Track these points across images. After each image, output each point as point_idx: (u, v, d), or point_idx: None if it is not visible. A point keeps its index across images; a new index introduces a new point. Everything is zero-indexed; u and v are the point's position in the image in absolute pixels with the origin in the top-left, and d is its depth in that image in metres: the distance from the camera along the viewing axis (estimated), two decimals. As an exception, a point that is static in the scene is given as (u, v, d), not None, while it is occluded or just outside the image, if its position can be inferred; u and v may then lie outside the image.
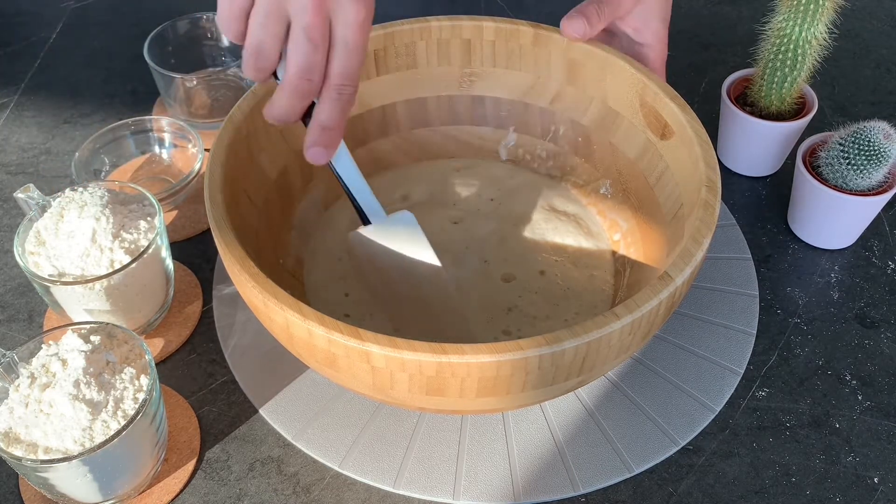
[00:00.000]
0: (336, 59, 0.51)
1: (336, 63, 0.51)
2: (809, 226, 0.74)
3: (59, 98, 0.90)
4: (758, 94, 0.77)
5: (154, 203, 0.66)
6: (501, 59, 0.73)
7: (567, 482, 0.60)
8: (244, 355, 0.67)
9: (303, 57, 0.50)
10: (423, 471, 0.61)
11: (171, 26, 0.85)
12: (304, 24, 0.49)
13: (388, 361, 0.50)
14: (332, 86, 0.52)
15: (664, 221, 0.65)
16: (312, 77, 0.51)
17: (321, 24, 0.50)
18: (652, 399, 0.64)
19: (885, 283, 0.73)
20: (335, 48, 0.51)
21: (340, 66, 0.51)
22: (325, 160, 0.55)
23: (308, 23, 0.49)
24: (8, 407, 0.55)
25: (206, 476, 0.61)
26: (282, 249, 0.67)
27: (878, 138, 0.68)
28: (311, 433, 0.63)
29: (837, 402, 0.65)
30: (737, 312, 0.70)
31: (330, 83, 0.52)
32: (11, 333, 0.70)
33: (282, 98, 0.52)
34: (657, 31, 0.70)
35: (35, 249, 0.64)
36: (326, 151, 0.54)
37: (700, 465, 0.62)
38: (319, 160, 0.55)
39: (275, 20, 0.50)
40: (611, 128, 0.71)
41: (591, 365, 0.53)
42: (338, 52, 0.51)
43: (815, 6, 0.70)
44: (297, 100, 0.52)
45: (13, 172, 0.82)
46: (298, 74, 0.50)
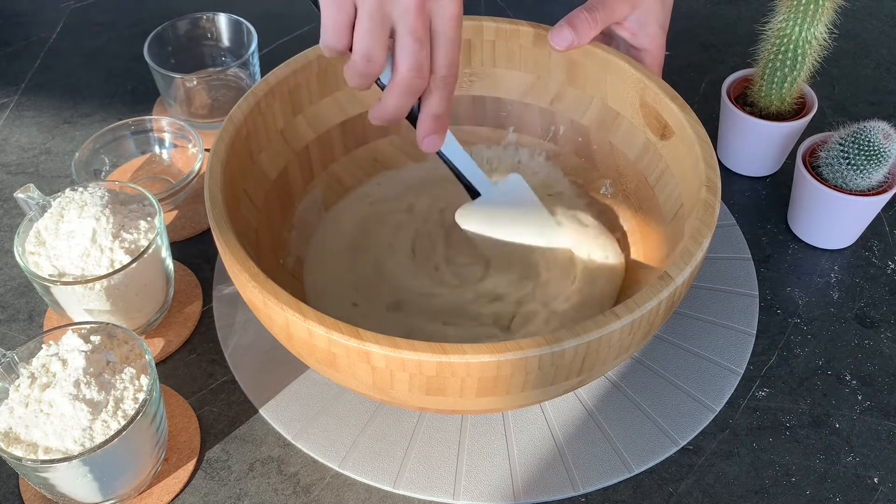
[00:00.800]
0: (439, 53, 0.54)
1: (440, 56, 0.54)
2: (809, 226, 0.74)
3: (59, 98, 0.90)
4: (758, 94, 0.77)
5: (154, 203, 0.66)
6: (501, 59, 0.73)
7: (567, 482, 0.60)
8: (244, 355, 0.67)
9: (412, 56, 0.53)
10: (423, 471, 0.61)
11: (171, 26, 0.85)
12: (409, 26, 0.52)
13: (389, 361, 0.50)
14: (438, 77, 0.55)
15: (664, 221, 0.65)
16: (423, 73, 0.54)
17: (423, 24, 0.53)
18: (652, 399, 0.64)
19: (885, 283, 0.73)
20: (437, 43, 0.54)
21: (444, 59, 0.55)
22: (440, 146, 0.58)
23: (412, 24, 0.52)
24: (8, 407, 0.55)
25: (206, 476, 0.61)
26: (282, 249, 0.67)
27: (877, 138, 0.68)
28: (311, 433, 0.63)
29: (837, 402, 0.65)
30: (737, 312, 0.70)
31: (436, 75, 0.55)
32: (11, 333, 0.70)
33: (394, 97, 0.55)
34: (655, 37, 0.70)
35: (35, 249, 0.64)
36: (439, 138, 0.58)
37: (700, 465, 0.62)
38: (435, 147, 0.58)
39: (380, 26, 0.52)
40: (611, 128, 0.71)
41: (591, 365, 0.53)
42: (440, 47, 0.54)
43: (815, 6, 0.70)
44: (409, 97, 0.55)
45: (13, 172, 0.82)
46: (411, 73, 0.54)
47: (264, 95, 0.66)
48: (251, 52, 0.82)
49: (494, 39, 0.72)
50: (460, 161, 0.64)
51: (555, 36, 0.68)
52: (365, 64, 0.54)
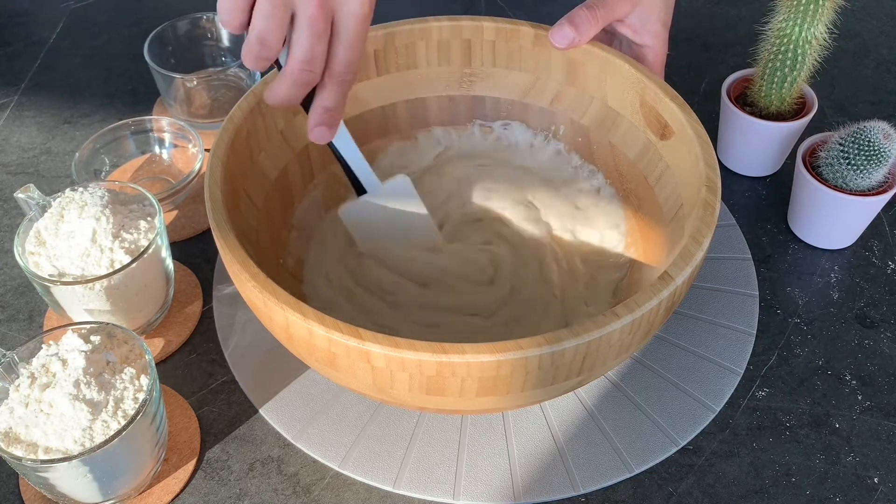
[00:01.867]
0: (338, 50, 0.53)
1: (338, 53, 0.53)
2: (809, 226, 0.74)
3: (59, 98, 0.90)
4: (758, 94, 0.77)
5: (154, 203, 0.66)
6: (501, 60, 0.73)
7: (567, 482, 0.60)
8: (244, 355, 0.67)
9: (306, 48, 0.52)
10: (423, 471, 0.61)
11: (171, 26, 0.85)
12: (308, 15, 0.51)
13: (389, 361, 0.50)
14: (333, 73, 0.54)
15: (664, 221, 0.65)
16: (314, 68, 0.53)
17: (324, 16, 0.51)
18: (652, 399, 0.64)
19: (885, 283, 0.73)
20: (337, 39, 0.53)
21: (342, 57, 0.53)
22: (329, 139, 0.58)
23: (312, 14, 0.51)
24: (8, 407, 0.55)
25: (206, 476, 0.61)
26: (282, 249, 0.67)
27: (877, 138, 0.68)
28: (311, 433, 0.63)
29: (837, 402, 0.65)
30: (737, 312, 0.70)
31: (332, 71, 0.54)
32: (11, 333, 0.70)
33: (283, 85, 0.54)
34: (656, 33, 0.70)
35: (35, 249, 0.64)
36: (329, 131, 0.57)
37: (700, 465, 0.62)
38: (323, 139, 0.58)
39: (280, 10, 0.51)
40: (611, 128, 0.71)
41: (591, 365, 0.53)
42: (340, 44, 0.53)
43: (815, 6, 0.70)
44: (298, 88, 0.54)
45: (13, 172, 0.82)
46: (301, 65, 0.52)
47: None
48: (251, 52, 0.82)
49: (494, 39, 0.72)
50: (350, 156, 0.64)
51: (555, 34, 0.68)
52: (258, 46, 0.52)
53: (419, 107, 0.75)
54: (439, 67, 0.73)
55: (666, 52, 0.71)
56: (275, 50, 0.53)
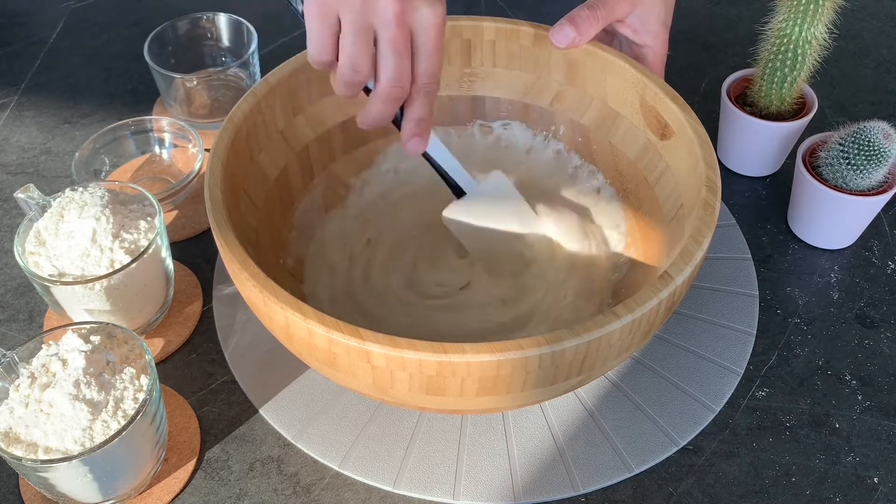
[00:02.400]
0: (421, 64, 0.55)
1: (421, 67, 0.55)
2: (809, 226, 0.74)
3: (59, 98, 0.90)
4: (758, 94, 0.77)
5: (154, 203, 0.66)
6: (501, 59, 0.73)
7: (567, 482, 0.60)
8: (244, 355, 0.67)
9: (392, 68, 0.54)
10: (423, 471, 0.61)
11: (171, 26, 0.85)
12: (389, 38, 0.53)
13: (389, 361, 0.50)
14: (420, 86, 0.56)
15: (664, 221, 0.65)
16: (403, 84, 0.55)
17: (404, 35, 0.54)
18: (652, 399, 0.64)
19: (885, 283, 0.73)
20: (418, 54, 0.55)
21: (425, 69, 0.56)
22: (424, 148, 0.60)
23: (393, 36, 0.53)
24: (8, 407, 0.55)
25: (206, 476, 0.61)
26: (282, 249, 0.67)
27: (877, 138, 0.68)
28: (311, 433, 0.63)
29: (837, 402, 0.65)
30: (737, 312, 0.70)
31: (418, 84, 0.56)
32: (11, 333, 0.70)
33: (377, 105, 0.57)
34: (657, 33, 0.70)
35: (35, 249, 0.63)
36: (423, 141, 0.59)
37: (700, 465, 0.62)
38: (419, 150, 0.60)
39: (363, 37, 0.53)
40: (611, 128, 0.71)
41: (591, 364, 0.53)
42: (421, 57, 0.55)
43: (815, 6, 0.70)
44: (390, 105, 0.56)
45: (13, 172, 0.82)
46: (391, 83, 0.55)
47: (264, 95, 0.66)
48: (251, 52, 0.82)
49: (494, 39, 0.72)
50: (445, 161, 0.66)
51: (556, 33, 0.68)
52: (351, 74, 0.55)
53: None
54: (439, 67, 0.73)
55: (666, 52, 0.71)
56: (366, 75, 0.55)
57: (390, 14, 0.52)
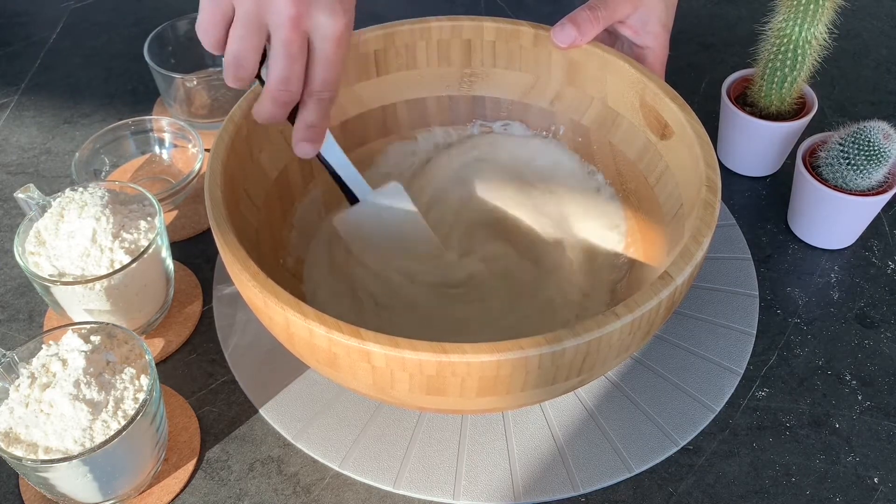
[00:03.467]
0: (316, 70, 0.54)
1: (316, 73, 0.54)
2: (809, 226, 0.74)
3: (59, 98, 0.90)
4: (758, 94, 0.77)
5: (154, 203, 0.66)
6: (501, 60, 0.73)
7: (567, 482, 0.60)
8: (244, 355, 0.67)
9: (280, 69, 0.53)
10: (423, 471, 0.61)
11: (171, 26, 0.85)
12: (282, 38, 0.52)
13: (389, 361, 0.50)
14: (312, 92, 0.55)
15: (664, 221, 0.65)
16: (290, 87, 0.54)
17: (298, 39, 0.53)
18: (652, 399, 0.64)
19: (885, 283, 0.73)
20: (314, 59, 0.54)
21: (320, 76, 0.55)
22: (313, 154, 0.59)
23: (285, 37, 0.52)
24: (8, 407, 0.55)
25: (206, 476, 0.61)
26: (282, 249, 0.67)
27: (877, 138, 0.68)
28: (311, 433, 0.63)
29: (837, 402, 0.65)
30: (737, 312, 0.70)
31: (311, 89, 0.55)
32: (11, 333, 0.70)
33: (265, 103, 0.56)
34: (657, 35, 0.70)
35: (35, 249, 0.63)
36: (313, 146, 0.58)
37: (700, 465, 0.62)
38: (307, 154, 0.59)
39: (254, 33, 0.53)
40: (611, 128, 0.71)
41: (591, 364, 0.53)
42: (317, 64, 0.54)
43: (815, 6, 0.70)
44: (278, 107, 0.55)
45: (13, 172, 0.82)
46: (277, 85, 0.54)
47: (264, 95, 0.66)
48: (251, 52, 0.82)
49: (494, 39, 0.72)
50: (339, 165, 0.64)
51: (558, 33, 0.68)
52: (235, 67, 0.54)
53: (419, 107, 0.75)
54: (439, 67, 0.73)
55: (667, 53, 0.71)
56: (250, 70, 0.54)
57: (285, 17, 0.51)
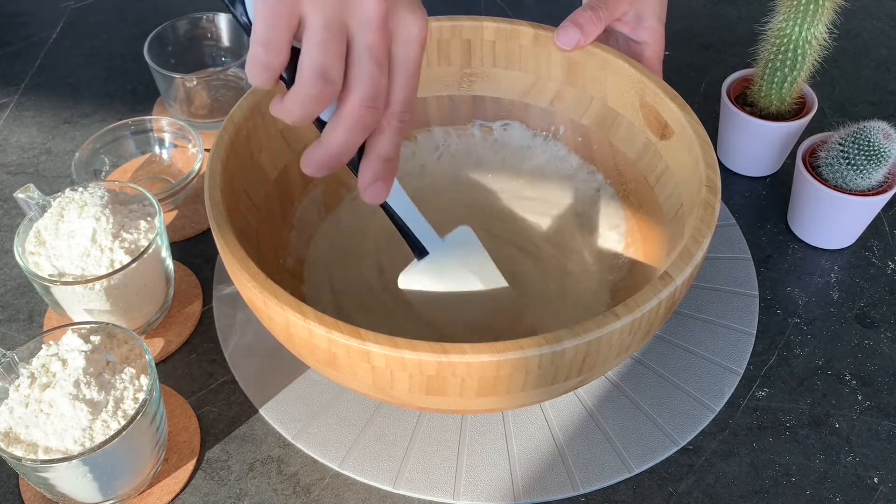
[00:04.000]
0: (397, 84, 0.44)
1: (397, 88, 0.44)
2: (809, 226, 0.74)
3: (59, 98, 0.90)
4: (758, 94, 0.77)
5: (154, 203, 0.66)
6: (501, 60, 0.73)
7: (567, 482, 0.60)
8: (244, 355, 0.67)
9: (369, 82, 0.42)
10: (423, 471, 0.61)
11: (171, 26, 0.85)
12: (368, 42, 0.42)
13: (389, 361, 0.50)
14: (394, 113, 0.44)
15: (664, 221, 0.65)
16: (378, 105, 0.43)
17: (385, 43, 0.43)
18: (652, 399, 0.64)
19: (885, 283, 0.73)
20: (396, 71, 0.44)
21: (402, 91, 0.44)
22: (385, 197, 0.47)
23: (373, 40, 0.42)
24: (8, 407, 0.55)
25: (206, 476, 0.61)
26: (282, 249, 0.67)
27: (877, 138, 0.68)
28: (311, 433, 0.63)
29: (837, 402, 0.65)
30: (737, 312, 0.70)
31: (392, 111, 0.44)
32: (11, 333, 0.70)
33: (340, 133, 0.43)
34: (653, 29, 0.70)
35: (35, 249, 0.63)
36: (386, 187, 0.47)
37: (700, 465, 0.62)
38: (380, 199, 0.47)
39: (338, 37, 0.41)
40: (611, 128, 0.71)
41: (591, 365, 0.53)
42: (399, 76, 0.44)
43: (815, 6, 0.70)
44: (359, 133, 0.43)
45: (13, 172, 0.82)
46: (364, 101, 0.42)
47: (264, 95, 0.66)
48: (251, 52, 0.82)
49: (494, 39, 0.72)
50: (407, 214, 0.54)
51: (561, 36, 0.68)
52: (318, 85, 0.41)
53: (419, 107, 0.75)
54: (439, 67, 0.73)
55: (663, 47, 0.72)
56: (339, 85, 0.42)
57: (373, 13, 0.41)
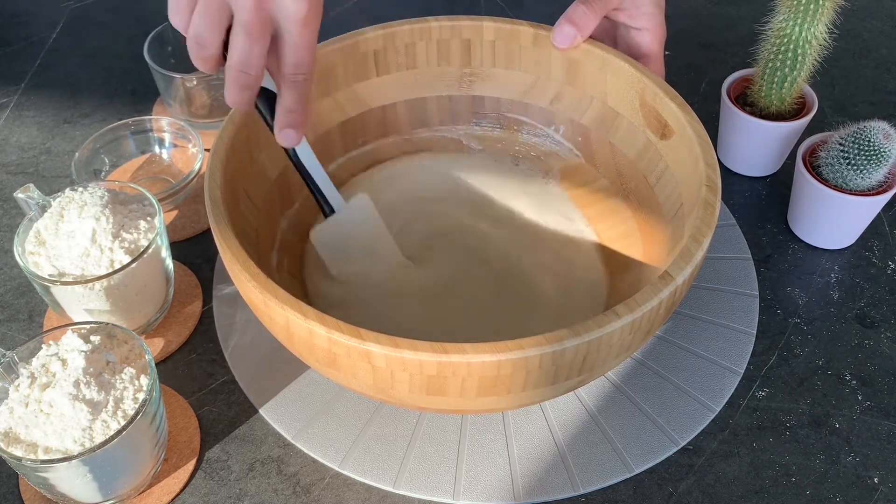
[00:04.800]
0: (284, 53, 0.54)
1: (285, 56, 0.54)
2: (809, 226, 0.74)
3: (59, 98, 0.90)
4: (758, 94, 0.77)
5: (154, 203, 0.66)
6: (501, 59, 0.73)
7: (567, 482, 0.60)
8: (244, 355, 0.67)
9: (239, 51, 0.53)
10: (423, 471, 0.61)
11: (171, 26, 0.85)
12: (243, 20, 0.52)
13: (389, 361, 0.50)
14: (285, 75, 0.55)
15: (664, 221, 0.65)
16: (249, 70, 0.54)
17: (260, 21, 0.52)
18: (652, 399, 0.64)
19: (885, 283, 0.73)
20: (282, 41, 0.54)
21: (289, 59, 0.54)
22: (297, 141, 0.59)
23: (247, 19, 0.52)
24: (8, 407, 0.55)
25: (206, 476, 0.61)
26: (282, 249, 0.67)
27: (878, 138, 0.68)
28: (311, 433, 0.63)
29: (837, 402, 0.65)
30: (737, 312, 0.70)
31: (284, 73, 0.55)
32: (11, 333, 0.70)
33: (228, 88, 0.55)
34: (651, 15, 0.70)
35: (35, 249, 0.63)
36: (296, 133, 0.58)
37: (700, 465, 0.62)
38: (290, 142, 0.59)
39: (216, 13, 0.53)
40: (611, 128, 0.71)
41: (591, 364, 0.53)
42: (284, 46, 0.54)
43: (815, 6, 0.70)
44: (238, 90, 0.55)
45: (13, 172, 0.82)
46: (236, 66, 0.54)
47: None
48: (251, 52, 0.82)
49: (494, 39, 0.72)
50: (316, 173, 0.64)
51: (557, 34, 0.68)
52: (196, 47, 0.54)
53: (419, 107, 0.75)
54: (439, 67, 0.73)
55: (664, 31, 0.72)
56: (211, 50, 0.54)
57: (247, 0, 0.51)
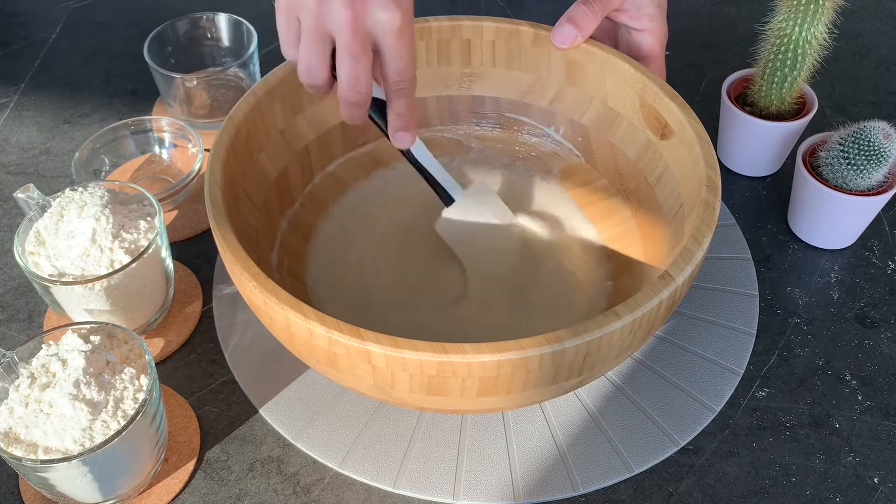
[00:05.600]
0: (386, 64, 0.57)
1: (387, 67, 0.57)
2: (809, 226, 0.74)
3: (59, 98, 0.90)
4: (758, 94, 0.77)
5: (154, 203, 0.66)
6: (501, 60, 0.73)
7: (567, 482, 0.60)
8: (244, 355, 0.67)
9: (347, 73, 0.55)
10: (423, 471, 0.61)
11: (171, 26, 0.85)
12: (344, 43, 0.54)
13: (389, 361, 0.50)
14: (390, 83, 0.58)
15: (664, 221, 0.65)
16: (358, 88, 0.56)
17: (360, 40, 0.54)
18: (652, 399, 0.64)
19: (885, 283, 0.73)
20: (382, 56, 0.56)
21: (392, 68, 0.57)
22: (411, 142, 0.61)
23: (346, 41, 0.54)
24: (8, 407, 0.55)
25: (206, 476, 0.61)
26: (282, 249, 0.67)
27: (878, 138, 0.68)
28: (311, 433, 0.63)
29: (837, 402, 0.65)
30: (737, 312, 0.70)
31: (388, 84, 0.58)
32: (11, 333, 0.70)
33: (343, 108, 0.58)
34: (653, 16, 0.70)
35: (35, 249, 0.63)
36: (409, 134, 0.60)
37: (700, 465, 0.62)
38: (405, 143, 0.61)
39: (318, 41, 0.55)
40: (611, 128, 0.71)
41: (591, 364, 0.53)
42: (385, 58, 0.56)
43: (815, 6, 0.70)
44: (353, 108, 0.57)
45: (13, 172, 0.82)
46: (347, 87, 0.56)
47: (264, 95, 0.66)
48: (251, 52, 0.82)
49: (494, 39, 0.72)
50: (433, 167, 0.66)
51: (558, 34, 0.68)
52: (306, 77, 0.57)
53: (419, 107, 0.75)
54: (439, 67, 0.73)
55: (666, 33, 0.72)
56: (322, 78, 0.57)
57: (343, 20, 0.53)
